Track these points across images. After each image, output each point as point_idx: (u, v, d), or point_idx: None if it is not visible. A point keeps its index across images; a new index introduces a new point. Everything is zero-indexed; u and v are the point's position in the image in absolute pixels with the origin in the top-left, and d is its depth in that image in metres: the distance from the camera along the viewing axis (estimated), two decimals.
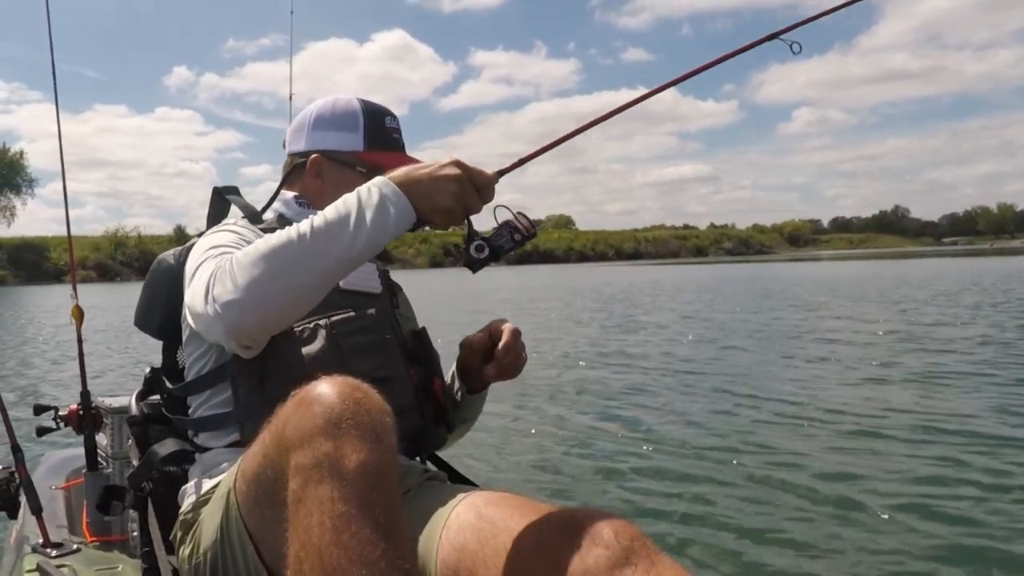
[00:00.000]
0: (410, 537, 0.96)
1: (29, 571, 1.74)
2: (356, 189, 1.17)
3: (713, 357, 8.08)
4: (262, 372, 1.26)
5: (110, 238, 77.84)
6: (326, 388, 0.96)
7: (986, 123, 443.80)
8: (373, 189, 1.16)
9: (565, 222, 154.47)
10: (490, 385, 1.52)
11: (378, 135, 1.48)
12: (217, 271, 1.14)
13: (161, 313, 1.49)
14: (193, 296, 1.19)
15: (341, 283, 1.35)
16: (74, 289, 2.07)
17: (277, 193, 1.51)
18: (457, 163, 1.19)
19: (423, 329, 1.53)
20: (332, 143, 1.47)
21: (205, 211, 1.55)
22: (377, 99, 1.52)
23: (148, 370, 1.58)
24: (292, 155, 1.52)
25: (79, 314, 2.06)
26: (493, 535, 1.03)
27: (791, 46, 1.42)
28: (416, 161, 1.46)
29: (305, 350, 1.27)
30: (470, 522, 1.07)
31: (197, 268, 1.25)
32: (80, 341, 2.10)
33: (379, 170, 1.45)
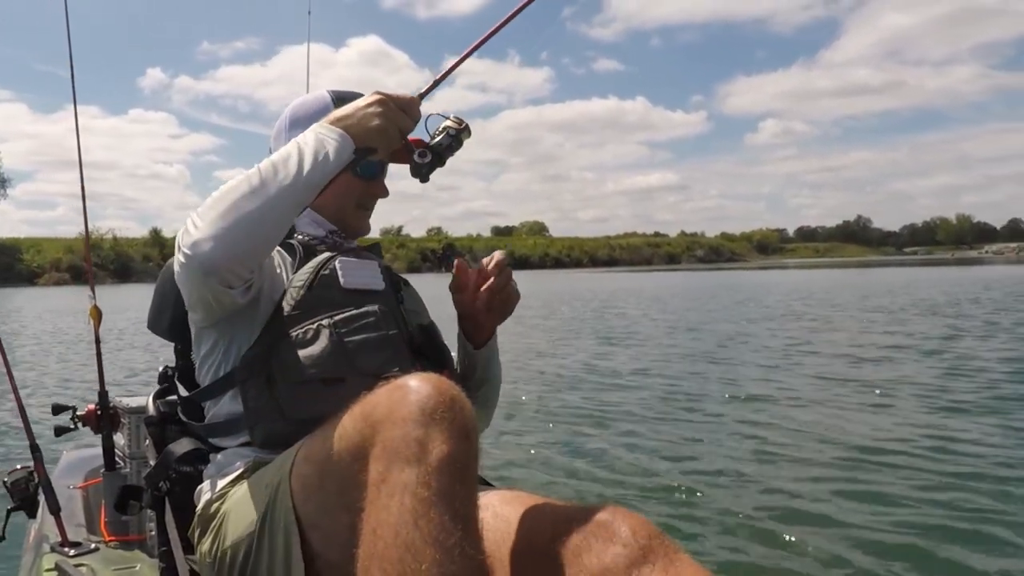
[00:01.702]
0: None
1: (48, 570, 1.74)
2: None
3: (724, 370, 7.75)
4: (269, 375, 1.26)
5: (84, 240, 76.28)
6: (421, 381, 0.97)
7: (944, 137, 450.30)
8: (308, 132, 1.26)
9: (539, 229, 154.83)
10: (495, 337, 1.56)
11: None
12: (184, 227, 1.20)
13: (171, 315, 1.50)
14: (175, 264, 1.24)
15: (343, 282, 1.37)
16: (92, 290, 2.05)
17: None
18: (379, 92, 1.30)
19: (431, 323, 1.54)
20: None
21: (180, 214, 1.54)
22: None
23: (162, 367, 1.59)
24: None
25: (97, 314, 2.04)
26: (509, 534, 1.03)
27: None
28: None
29: (309, 350, 1.27)
30: (486, 522, 1.06)
31: None
32: (98, 341, 2.09)
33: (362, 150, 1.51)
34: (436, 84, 1.38)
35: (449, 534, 0.85)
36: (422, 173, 1.36)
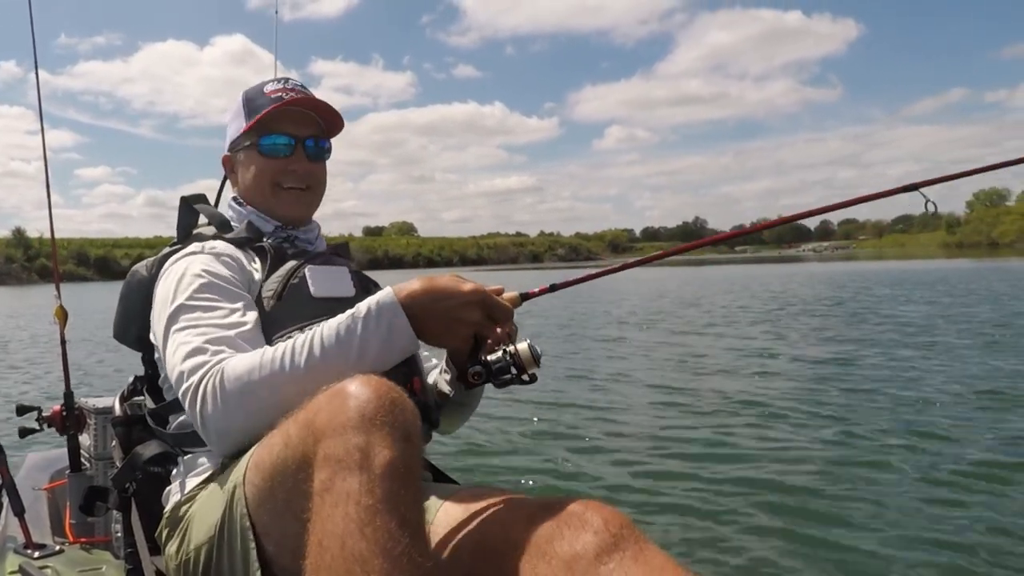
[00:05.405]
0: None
1: (12, 572, 1.65)
2: (361, 312, 1.10)
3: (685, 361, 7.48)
4: None
5: None
6: (361, 385, 0.93)
7: (764, 144, 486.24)
8: (382, 318, 1.09)
9: (408, 229, 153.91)
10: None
11: (255, 103, 1.43)
12: (207, 383, 1.09)
13: (137, 326, 1.43)
14: (177, 384, 1.14)
15: (313, 291, 1.30)
16: (57, 290, 1.91)
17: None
18: (482, 301, 1.12)
19: None
20: (231, 136, 1.48)
21: (40, 212, 1.49)
22: (221, 103, 1.59)
23: (131, 380, 1.52)
24: None
25: (63, 315, 1.91)
26: (481, 528, 1.00)
27: (927, 204, 1.36)
28: (306, 93, 1.42)
29: None
30: (458, 517, 1.04)
31: (172, 329, 1.20)
32: (63, 342, 1.95)
33: (263, 128, 1.39)
34: (540, 294, 1.28)
35: (396, 542, 0.82)
36: (466, 387, 1.19)
